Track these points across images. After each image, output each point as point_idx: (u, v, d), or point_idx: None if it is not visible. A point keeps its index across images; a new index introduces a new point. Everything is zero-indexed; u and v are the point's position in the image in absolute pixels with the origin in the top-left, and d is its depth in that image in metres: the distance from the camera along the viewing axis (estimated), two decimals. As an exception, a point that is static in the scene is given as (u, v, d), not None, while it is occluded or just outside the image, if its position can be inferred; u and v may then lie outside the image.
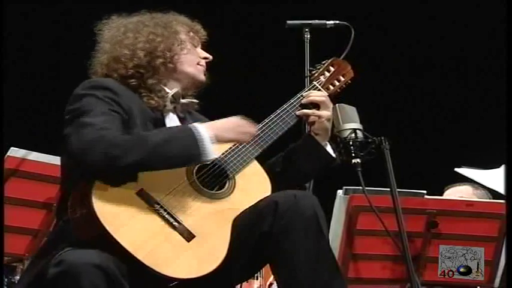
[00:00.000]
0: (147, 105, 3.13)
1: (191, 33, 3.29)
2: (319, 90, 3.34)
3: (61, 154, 3.10)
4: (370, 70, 6.39)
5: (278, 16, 4.52)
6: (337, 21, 3.94)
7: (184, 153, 2.90)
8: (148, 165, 2.90)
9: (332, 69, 3.42)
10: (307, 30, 3.96)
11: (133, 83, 3.16)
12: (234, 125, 3.03)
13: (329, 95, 3.36)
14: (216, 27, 3.34)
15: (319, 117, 3.24)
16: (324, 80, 3.39)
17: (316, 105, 3.26)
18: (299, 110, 3.26)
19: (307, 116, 3.25)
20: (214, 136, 2.95)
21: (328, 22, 3.95)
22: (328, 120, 3.25)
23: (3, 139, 3.39)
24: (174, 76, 3.23)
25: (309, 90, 3.33)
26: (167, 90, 3.19)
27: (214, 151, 2.94)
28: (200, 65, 3.28)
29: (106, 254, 2.74)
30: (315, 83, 3.37)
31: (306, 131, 3.33)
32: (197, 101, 3.28)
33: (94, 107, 2.97)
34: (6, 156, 3.89)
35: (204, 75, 3.29)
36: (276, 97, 3.32)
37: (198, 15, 3.32)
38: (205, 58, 3.30)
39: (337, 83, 3.41)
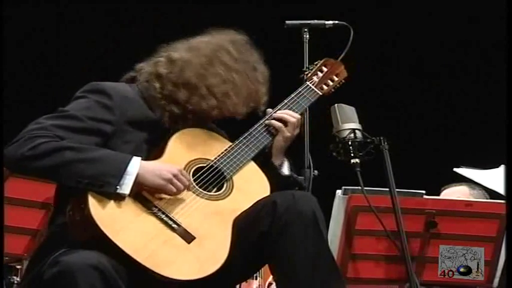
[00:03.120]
0: (160, 119, 3.09)
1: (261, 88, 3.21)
2: (312, 90, 3.34)
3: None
4: (369, 70, 6.40)
5: (277, 16, 4.51)
6: (336, 22, 3.93)
7: (100, 178, 2.85)
8: (56, 176, 2.92)
9: (325, 69, 3.44)
10: (306, 30, 3.94)
11: (163, 103, 3.09)
12: (166, 173, 2.93)
13: (323, 95, 3.37)
14: (214, 27, 3.33)
15: (280, 133, 3.20)
16: (317, 80, 3.40)
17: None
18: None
19: (274, 126, 3.21)
20: (139, 175, 2.89)
21: (327, 22, 3.94)
22: (287, 141, 3.22)
23: (2, 139, 3.39)
24: (204, 113, 3.14)
25: (303, 90, 3.33)
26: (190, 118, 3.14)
27: (129, 189, 2.87)
28: None
29: (103, 254, 2.74)
30: (308, 83, 3.38)
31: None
32: None
33: (71, 111, 2.98)
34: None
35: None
36: (275, 97, 3.32)
37: (197, 15, 3.32)
38: None
39: (330, 83, 3.42)
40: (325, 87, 3.40)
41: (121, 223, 2.84)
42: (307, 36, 3.95)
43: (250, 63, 3.20)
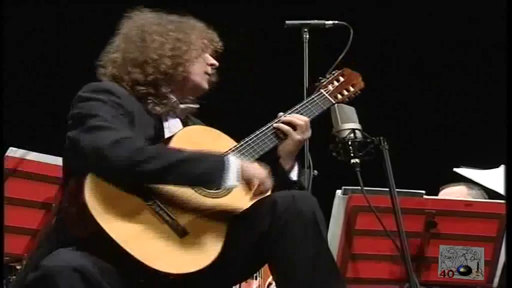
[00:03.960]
0: (152, 111, 3.11)
1: (205, 41, 3.25)
2: (326, 98, 3.35)
3: (63, 156, 3.07)
4: (369, 70, 6.38)
5: (277, 16, 4.51)
6: (336, 22, 3.94)
7: (206, 176, 2.88)
8: (167, 178, 2.88)
9: (342, 79, 3.44)
10: (306, 30, 3.95)
11: (143, 91, 3.12)
12: (261, 171, 2.98)
13: (336, 102, 3.36)
14: (214, 27, 3.33)
15: (289, 136, 3.20)
16: (332, 88, 3.40)
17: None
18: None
19: (281, 130, 3.21)
20: (241, 167, 2.92)
21: (327, 22, 3.95)
22: (296, 144, 3.21)
23: (2, 139, 3.39)
24: (182, 83, 3.19)
25: (316, 97, 3.33)
26: (172, 97, 3.17)
27: (234, 180, 2.90)
28: (207, 74, 3.25)
29: (86, 255, 2.74)
30: (322, 91, 3.38)
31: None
32: (197, 106, 3.26)
33: (102, 111, 2.95)
34: (4, 156, 3.88)
35: (208, 83, 3.26)
36: (275, 97, 3.32)
37: (197, 15, 3.32)
38: (212, 65, 3.26)
39: (346, 93, 3.43)
40: (339, 96, 3.40)
41: (115, 214, 2.83)
42: (307, 36, 3.95)
43: (175, 32, 3.21)
